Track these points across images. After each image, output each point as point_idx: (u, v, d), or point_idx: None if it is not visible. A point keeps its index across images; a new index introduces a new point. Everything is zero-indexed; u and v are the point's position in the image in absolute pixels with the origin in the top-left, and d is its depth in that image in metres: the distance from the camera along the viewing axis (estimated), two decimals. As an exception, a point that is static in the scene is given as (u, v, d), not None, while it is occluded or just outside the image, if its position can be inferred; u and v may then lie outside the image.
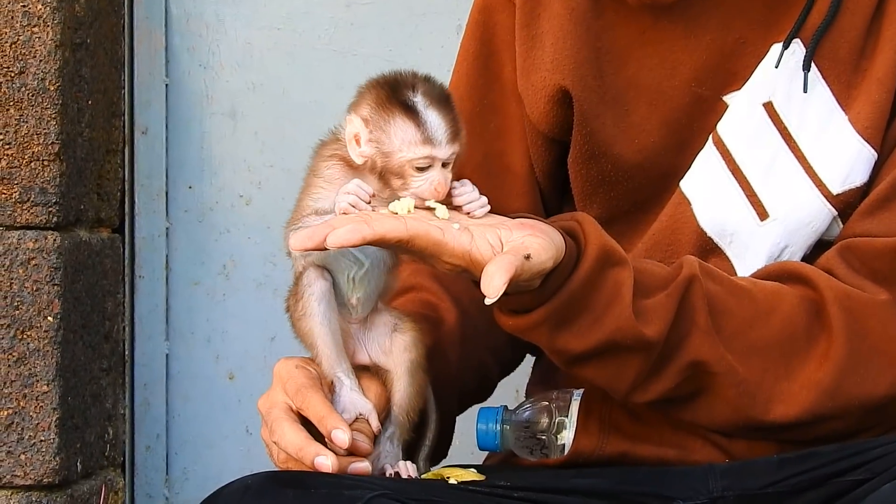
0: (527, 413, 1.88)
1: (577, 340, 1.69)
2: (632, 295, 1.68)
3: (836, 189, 1.83)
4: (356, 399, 1.71)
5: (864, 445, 1.71)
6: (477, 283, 1.69)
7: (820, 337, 1.75)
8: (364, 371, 1.76)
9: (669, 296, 1.71)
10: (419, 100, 1.64)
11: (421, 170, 1.64)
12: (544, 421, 1.86)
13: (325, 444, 1.67)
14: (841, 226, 1.84)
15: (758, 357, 1.74)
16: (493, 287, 1.56)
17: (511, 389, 2.38)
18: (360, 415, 1.71)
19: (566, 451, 1.83)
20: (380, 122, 1.64)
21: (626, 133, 1.88)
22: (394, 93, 1.64)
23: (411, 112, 1.63)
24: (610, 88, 1.88)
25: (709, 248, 1.86)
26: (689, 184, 1.87)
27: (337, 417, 1.67)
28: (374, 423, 1.71)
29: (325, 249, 1.57)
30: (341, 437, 1.65)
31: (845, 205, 1.83)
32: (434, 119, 1.63)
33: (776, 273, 1.81)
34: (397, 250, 1.64)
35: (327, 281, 1.71)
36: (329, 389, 1.71)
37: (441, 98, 1.65)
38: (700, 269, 1.74)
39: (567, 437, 1.84)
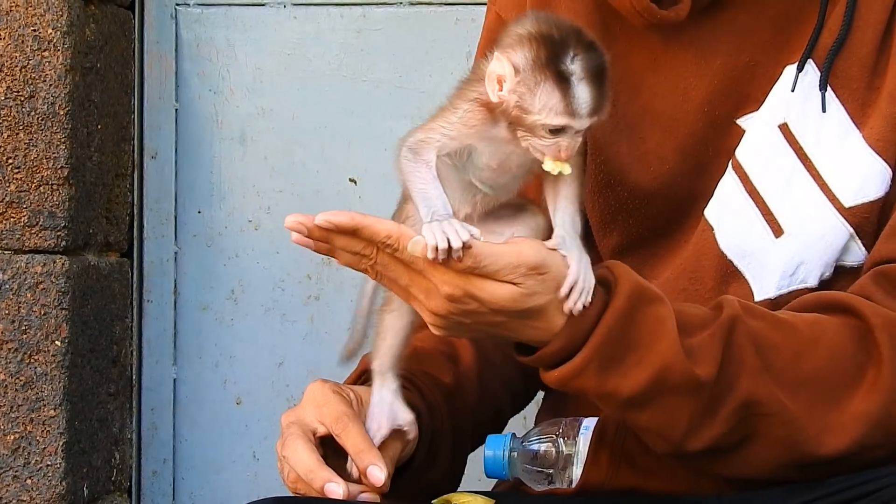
0: (533, 446, 1.86)
1: (625, 381, 1.64)
2: (677, 331, 1.65)
3: (848, 202, 1.81)
4: (398, 409, 1.70)
5: (874, 475, 1.69)
6: None
7: (868, 365, 1.71)
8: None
9: (713, 335, 1.68)
10: (575, 70, 1.60)
11: (554, 132, 1.62)
12: (552, 455, 1.84)
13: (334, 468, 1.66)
14: (859, 244, 1.82)
15: (807, 390, 1.70)
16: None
17: (519, 417, 2.37)
18: (399, 426, 1.70)
19: (574, 485, 1.81)
20: (529, 80, 1.61)
21: (641, 161, 1.87)
22: (553, 57, 1.60)
23: (563, 82, 1.60)
24: (624, 117, 1.88)
25: (729, 273, 1.83)
26: (712, 211, 1.85)
27: (376, 454, 1.66)
28: (413, 432, 1.71)
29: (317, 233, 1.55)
30: (377, 475, 1.64)
31: (860, 219, 1.81)
32: (583, 93, 1.60)
33: (812, 304, 1.77)
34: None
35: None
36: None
37: (596, 70, 1.62)
38: (741, 307, 1.72)
39: (575, 472, 1.82)
